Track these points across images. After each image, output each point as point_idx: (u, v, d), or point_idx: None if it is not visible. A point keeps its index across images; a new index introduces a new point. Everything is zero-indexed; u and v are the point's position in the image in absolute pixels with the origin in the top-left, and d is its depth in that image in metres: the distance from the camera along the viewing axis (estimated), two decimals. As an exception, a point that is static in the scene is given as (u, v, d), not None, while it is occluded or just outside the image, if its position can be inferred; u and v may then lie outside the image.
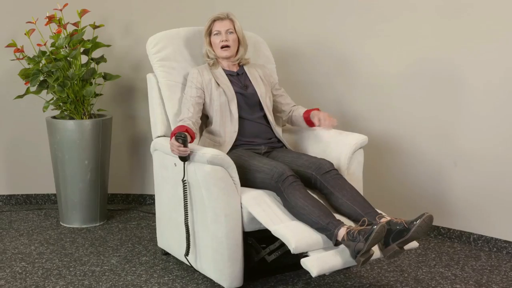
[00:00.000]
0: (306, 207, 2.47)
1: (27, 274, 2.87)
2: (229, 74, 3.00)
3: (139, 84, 3.94)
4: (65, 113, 3.62)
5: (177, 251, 2.92)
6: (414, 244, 2.56)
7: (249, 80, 3.01)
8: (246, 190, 2.64)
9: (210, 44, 3.01)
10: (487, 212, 3.19)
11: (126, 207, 4.00)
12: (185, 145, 2.57)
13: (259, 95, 2.98)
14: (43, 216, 3.80)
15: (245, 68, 3.05)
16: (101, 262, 3.02)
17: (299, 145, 3.09)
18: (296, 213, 2.49)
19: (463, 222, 3.28)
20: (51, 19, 3.44)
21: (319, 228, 2.43)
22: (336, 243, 2.40)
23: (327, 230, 2.40)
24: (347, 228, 2.36)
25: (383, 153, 3.42)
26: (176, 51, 3.09)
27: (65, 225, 3.62)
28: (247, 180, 2.67)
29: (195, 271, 2.90)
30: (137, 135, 4.01)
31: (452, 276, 2.85)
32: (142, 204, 4.07)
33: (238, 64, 3.05)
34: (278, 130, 3.00)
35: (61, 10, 3.49)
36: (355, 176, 2.86)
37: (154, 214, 3.82)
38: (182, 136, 2.56)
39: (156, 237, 3.38)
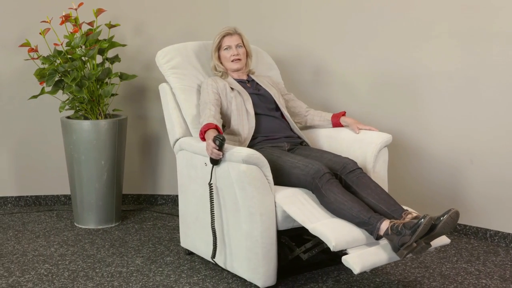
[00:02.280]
0: (346, 202, 2.49)
1: (54, 276, 2.84)
2: (240, 82, 3.10)
3: (150, 84, 3.92)
4: (80, 113, 3.59)
5: (204, 251, 2.92)
6: (445, 240, 2.60)
7: (260, 85, 3.13)
8: (280, 188, 2.65)
9: (219, 58, 3.12)
10: (503, 209, 3.26)
11: (138, 208, 3.99)
12: (220, 149, 2.58)
13: (272, 95, 3.07)
14: (56, 217, 3.76)
15: (253, 77, 3.17)
16: (126, 263, 3.00)
17: (321, 144, 3.11)
18: (335, 208, 2.52)
19: (479, 219, 3.34)
20: (67, 18, 3.40)
21: (360, 223, 2.45)
22: (377, 237, 2.43)
23: (369, 224, 2.43)
24: (390, 222, 2.40)
25: (400, 151, 3.46)
26: (185, 61, 3.18)
27: (80, 226, 3.58)
28: (281, 176, 2.69)
29: (223, 270, 2.90)
30: (148, 135, 4.00)
31: (476, 271, 2.91)
32: (154, 204, 4.05)
33: (247, 74, 3.18)
34: (296, 126, 3.06)
35: (76, 9, 3.46)
36: (380, 174, 2.90)
37: (168, 214, 3.83)
38: (220, 138, 2.56)
39: (176, 237, 3.37)
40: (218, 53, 3.13)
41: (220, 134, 2.60)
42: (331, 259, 2.98)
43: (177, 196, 4.01)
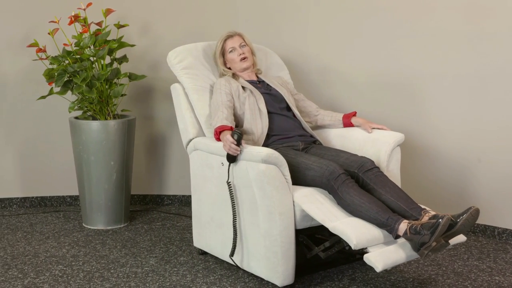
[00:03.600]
0: (363, 204, 2.51)
1: (69, 277, 2.83)
2: (251, 83, 3.13)
3: (157, 85, 3.92)
4: (88, 113, 3.57)
5: (220, 251, 2.92)
6: (461, 238, 2.63)
7: (270, 86, 3.15)
8: (297, 188, 2.67)
9: (224, 63, 3.17)
10: (511, 206, 3.30)
11: (145, 208, 3.98)
12: (238, 144, 2.59)
13: (282, 94, 3.10)
14: (63, 218, 3.74)
15: (262, 77, 3.20)
16: (140, 264, 3.00)
17: (333, 144, 3.13)
18: (353, 210, 2.54)
19: (487, 217, 3.38)
20: (76, 18, 3.39)
21: (378, 224, 2.48)
22: (396, 237, 2.46)
23: (387, 225, 2.45)
24: (409, 223, 2.42)
25: (408, 150, 3.49)
26: (197, 61, 3.20)
27: (89, 227, 3.57)
28: (297, 177, 2.70)
29: (238, 269, 2.91)
30: (154, 135, 3.99)
31: (488, 268, 2.95)
32: (160, 204, 4.05)
33: (256, 74, 3.21)
34: (307, 125, 3.09)
35: (84, 9, 3.44)
36: (393, 173, 2.93)
37: (176, 214, 3.83)
38: (238, 132, 2.57)
39: (186, 237, 3.38)
40: (223, 58, 3.17)
41: (237, 129, 2.62)
42: (345, 257, 3.00)
43: (183, 196, 4.02)
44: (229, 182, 2.70)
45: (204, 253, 3.11)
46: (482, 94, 3.30)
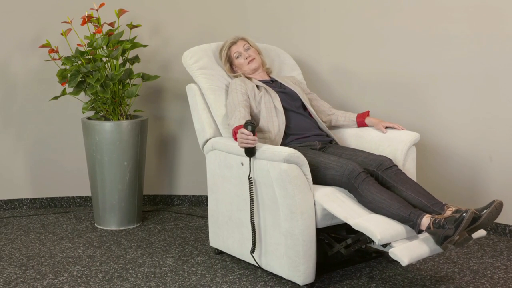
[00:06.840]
0: (384, 200, 2.54)
1: (88, 278, 2.83)
2: (265, 83, 3.15)
3: (167, 85, 3.92)
4: (100, 114, 3.57)
5: (238, 250, 2.94)
6: (482, 232, 2.66)
7: (284, 85, 3.17)
8: (318, 187, 2.68)
9: (232, 70, 3.20)
10: (522, 204, 3.35)
11: (155, 208, 3.98)
12: (253, 134, 2.61)
13: (297, 92, 3.13)
14: (74, 219, 3.74)
15: (275, 77, 3.23)
16: (158, 264, 3.00)
17: (349, 143, 3.15)
18: (375, 207, 2.56)
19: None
20: (89, 19, 3.39)
21: (400, 219, 2.50)
22: (419, 232, 2.49)
23: (410, 220, 2.48)
24: (432, 217, 2.45)
25: (420, 148, 3.52)
26: (212, 61, 3.23)
27: (101, 227, 3.57)
28: (316, 177, 2.72)
29: (257, 268, 2.92)
30: (164, 135, 3.99)
31: (503, 266, 2.98)
32: (170, 205, 4.05)
33: (268, 74, 3.24)
34: (323, 124, 3.11)
35: (97, 10, 3.44)
36: (409, 172, 2.95)
37: (187, 214, 3.84)
38: (251, 122, 2.59)
39: (200, 237, 3.39)
40: (229, 65, 3.20)
41: (249, 120, 2.64)
42: (361, 256, 3.02)
43: (193, 196, 4.02)
44: (251, 177, 2.71)
45: (220, 252, 3.12)
46: (493, 93, 3.34)
